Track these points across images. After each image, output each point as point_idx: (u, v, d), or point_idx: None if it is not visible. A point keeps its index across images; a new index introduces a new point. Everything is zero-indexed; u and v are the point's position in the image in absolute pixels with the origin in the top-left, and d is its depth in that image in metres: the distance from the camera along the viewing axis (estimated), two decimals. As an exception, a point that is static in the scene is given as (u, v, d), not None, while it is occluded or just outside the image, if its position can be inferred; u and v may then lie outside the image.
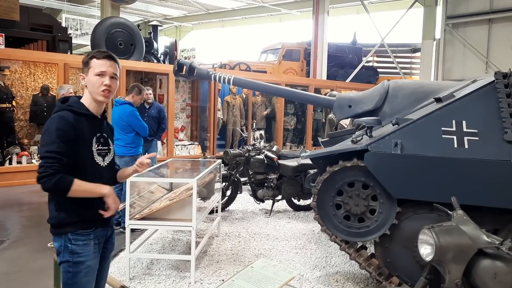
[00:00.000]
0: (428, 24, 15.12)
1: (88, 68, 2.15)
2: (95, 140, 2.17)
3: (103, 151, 2.21)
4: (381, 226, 3.50)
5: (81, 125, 2.09)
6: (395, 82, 4.55)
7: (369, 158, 3.38)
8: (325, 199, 3.59)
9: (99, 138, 2.20)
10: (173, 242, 4.85)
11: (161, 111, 6.68)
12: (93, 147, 2.15)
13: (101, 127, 2.24)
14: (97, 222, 2.16)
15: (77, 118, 2.09)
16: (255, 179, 6.19)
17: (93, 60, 2.14)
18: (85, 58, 2.18)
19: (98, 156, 2.18)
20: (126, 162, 5.21)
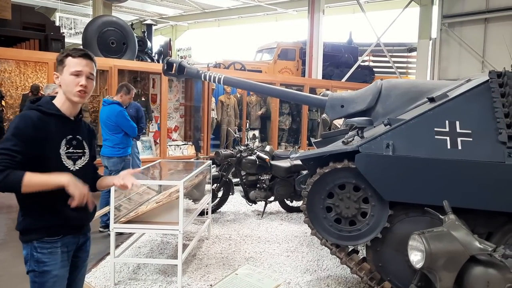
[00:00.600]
0: (424, 23, 15.07)
1: (63, 67, 2.03)
2: (65, 143, 2.04)
3: (74, 155, 2.09)
4: (373, 229, 3.41)
5: (47, 126, 1.97)
6: (388, 81, 4.46)
7: (360, 159, 3.28)
8: (315, 202, 3.49)
9: (71, 141, 2.07)
10: (162, 245, 4.75)
11: (139, 110, 6.41)
12: (61, 149, 2.02)
13: (75, 129, 2.12)
14: (65, 229, 2.03)
15: (43, 119, 1.97)
16: (247, 180, 6.09)
17: (69, 59, 2.03)
18: (59, 56, 2.07)
19: (67, 160, 2.05)
20: (115, 163, 5.11)
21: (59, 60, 2.05)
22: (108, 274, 3.88)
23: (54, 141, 2.00)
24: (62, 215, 2.01)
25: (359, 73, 16.20)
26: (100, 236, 5.04)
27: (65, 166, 2.03)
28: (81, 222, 2.15)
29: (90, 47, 9.02)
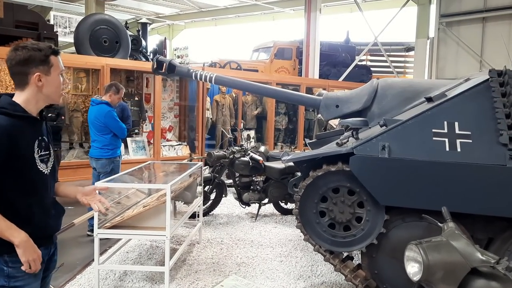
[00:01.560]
0: (421, 22, 14.98)
1: (50, 66, 1.89)
2: (37, 145, 1.89)
3: (45, 157, 1.94)
4: (368, 235, 3.27)
5: (18, 131, 1.81)
6: (385, 80, 4.32)
7: (355, 162, 3.14)
8: (308, 206, 3.35)
9: (41, 142, 1.92)
10: (151, 250, 4.59)
11: (125, 110, 6.22)
12: (35, 153, 1.87)
13: (41, 130, 1.97)
14: (38, 240, 1.86)
15: (13, 123, 1.80)
16: (241, 182, 5.94)
17: (53, 57, 1.90)
18: (38, 54, 1.86)
19: (41, 163, 1.90)
20: (103, 165, 4.95)
21: (43, 59, 1.87)
22: (93, 281, 3.73)
23: (28, 146, 1.85)
24: (36, 226, 1.87)
25: (356, 72, 16.06)
26: (87, 240, 4.88)
27: (40, 171, 1.90)
28: (54, 231, 2.02)
29: (82, 45, 8.85)
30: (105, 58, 8.59)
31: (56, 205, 2.05)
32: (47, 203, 1.94)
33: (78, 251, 4.58)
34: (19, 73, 1.87)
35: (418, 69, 15.15)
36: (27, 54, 1.84)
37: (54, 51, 1.91)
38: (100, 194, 3.65)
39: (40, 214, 1.88)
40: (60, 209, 2.08)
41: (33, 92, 1.89)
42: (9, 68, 1.87)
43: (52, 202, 2.01)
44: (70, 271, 4.05)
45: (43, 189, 1.92)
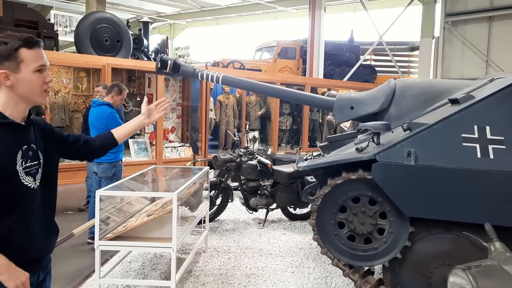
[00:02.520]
0: (426, 21, 14.79)
1: (18, 63, 1.60)
2: (21, 156, 1.63)
3: (33, 168, 1.68)
4: (391, 248, 3.02)
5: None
6: (403, 81, 4.08)
7: (378, 169, 2.90)
8: (326, 217, 3.11)
9: (26, 152, 1.66)
10: (155, 260, 4.35)
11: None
12: (18, 166, 1.61)
13: (28, 137, 1.69)
14: (21, 266, 1.61)
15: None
16: (248, 186, 5.69)
17: (24, 51, 1.60)
18: (3, 48, 1.57)
19: (26, 176, 1.65)
20: (105, 169, 4.72)
21: (7, 55, 1.58)
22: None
23: (7, 157, 1.59)
24: (18, 248, 1.62)
25: (360, 72, 15.85)
26: (87, 249, 4.64)
27: (25, 186, 1.64)
28: (42, 254, 1.77)
29: (83, 44, 8.62)
30: (106, 58, 8.36)
31: (49, 223, 1.79)
32: (34, 222, 1.68)
33: (77, 260, 4.34)
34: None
35: (423, 69, 14.96)
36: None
37: (26, 43, 1.60)
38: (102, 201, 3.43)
39: (23, 234, 1.63)
40: (53, 228, 1.82)
41: (7, 93, 1.63)
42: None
43: (42, 220, 1.73)
44: (69, 283, 3.81)
45: (29, 206, 1.66)
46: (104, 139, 2.02)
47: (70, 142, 1.90)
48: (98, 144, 1.99)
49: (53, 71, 8.51)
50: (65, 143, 1.88)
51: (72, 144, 1.90)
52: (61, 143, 1.85)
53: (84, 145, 1.94)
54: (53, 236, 1.82)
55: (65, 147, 1.87)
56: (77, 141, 1.92)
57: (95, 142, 1.99)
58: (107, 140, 2.01)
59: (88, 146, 1.95)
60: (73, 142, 1.91)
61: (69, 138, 1.90)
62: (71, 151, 1.91)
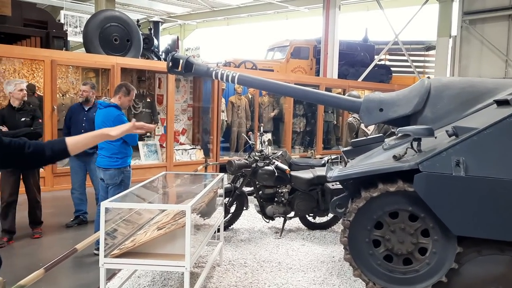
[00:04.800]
0: (443, 20, 14.42)
1: None
2: None
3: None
4: (435, 270, 2.65)
5: None
6: (438, 80, 3.71)
7: (421, 181, 2.53)
8: (359, 234, 2.75)
9: None
10: (165, 274, 4.01)
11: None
12: None
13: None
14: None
15: None
16: (264, 193, 5.33)
17: None
18: None
19: None
20: (112, 176, 4.40)
21: None
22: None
23: None
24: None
25: (375, 72, 15.42)
26: (93, 261, 4.31)
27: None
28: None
29: (92, 43, 8.35)
30: (116, 57, 8.08)
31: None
32: None
33: (82, 275, 4.02)
34: None
35: (439, 69, 14.57)
36: None
37: None
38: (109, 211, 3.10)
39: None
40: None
41: None
42: None
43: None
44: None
45: None
46: (57, 151, 1.72)
47: (12, 149, 1.62)
48: (47, 155, 1.70)
49: (61, 71, 8.26)
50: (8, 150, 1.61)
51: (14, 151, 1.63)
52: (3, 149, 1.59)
53: (31, 154, 1.66)
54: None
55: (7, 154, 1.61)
56: (21, 149, 1.64)
57: (44, 152, 1.69)
58: (59, 151, 1.72)
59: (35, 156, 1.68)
60: (16, 149, 1.63)
61: (10, 145, 1.63)
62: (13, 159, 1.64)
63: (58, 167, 7.27)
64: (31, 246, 4.80)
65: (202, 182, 4.60)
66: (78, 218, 5.52)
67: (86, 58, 8.01)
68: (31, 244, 4.84)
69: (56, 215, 5.92)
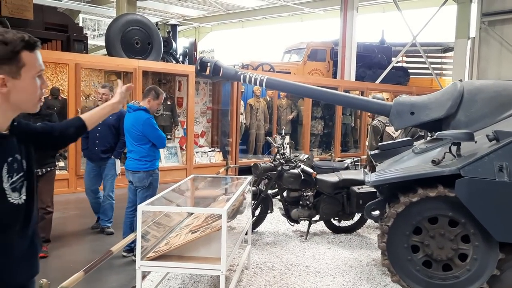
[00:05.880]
0: (461, 22, 14.26)
1: (20, 67, 1.36)
2: (7, 171, 1.39)
3: (18, 182, 1.44)
4: (476, 277, 2.62)
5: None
6: (471, 83, 3.67)
7: (463, 186, 2.51)
8: (398, 239, 2.73)
9: (11, 165, 1.42)
10: (195, 277, 4.03)
11: (122, 118, 4.99)
12: (5, 183, 1.38)
13: (11, 147, 1.44)
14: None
15: None
16: (289, 197, 5.32)
17: (26, 54, 1.37)
18: (3, 49, 1.34)
19: (13, 193, 1.41)
20: (141, 179, 4.44)
21: (8, 57, 1.35)
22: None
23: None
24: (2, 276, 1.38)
25: (393, 74, 15.31)
26: (122, 263, 4.36)
27: (10, 203, 1.40)
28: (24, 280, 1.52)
29: (114, 47, 8.46)
30: (137, 60, 8.17)
31: (32, 243, 1.53)
32: (16, 247, 1.45)
33: (113, 277, 4.06)
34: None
35: (457, 71, 14.41)
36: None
37: (28, 45, 1.38)
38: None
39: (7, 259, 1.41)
40: (35, 247, 1.56)
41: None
42: None
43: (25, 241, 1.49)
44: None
45: (12, 228, 1.43)
46: (78, 127, 1.82)
47: (45, 134, 1.70)
48: (72, 131, 1.80)
49: (84, 75, 8.38)
50: (40, 136, 1.67)
51: (47, 135, 1.72)
52: (36, 137, 1.64)
53: (60, 135, 1.77)
54: (34, 257, 1.57)
55: (39, 141, 1.66)
56: (51, 132, 1.73)
57: (68, 129, 1.80)
58: (79, 128, 1.82)
59: (63, 136, 1.79)
60: (48, 134, 1.72)
61: (44, 130, 1.72)
62: (46, 143, 1.73)
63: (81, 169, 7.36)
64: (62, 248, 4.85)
65: (228, 184, 4.62)
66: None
67: (109, 61, 8.11)
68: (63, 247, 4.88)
69: (81, 217, 6.00)
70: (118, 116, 5.13)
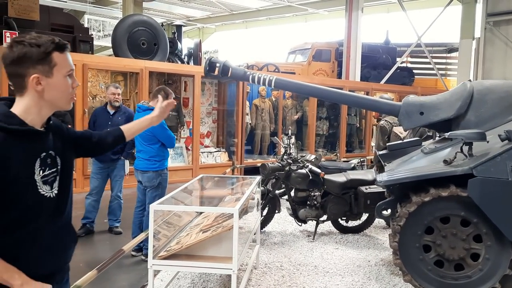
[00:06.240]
0: (466, 22, 14.22)
1: (52, 66, 1.49)
2: (39, 164, 1.50)
3: (50, 176, 1.55)
4: (488, 277, 2.62)
5: (12, 150, 1.43)
6: (481, 83, 3.67)
7: (476, 186, 2.51)
8: (410, 239, 2.74)
9: (45, 160, 1.53)
10: (204, 276, 4.05)
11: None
12: (37, 175, 1.49)
13: (46, 143, 1.57)
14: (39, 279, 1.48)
15: (6, 140, 1.42)
16: (296, 197, 5.33)
17: (57, 55, 1.50)
18: (36, 51, 1.46)
19: (44, 185, 1.52)
20: (150, 178, 4.46)
21: (41, 58, 1.47)
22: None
23: (26, 166, 1.47)
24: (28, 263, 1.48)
25: (397, 74, 15.29)
26: (131, 263, 4.38)
27: (41, 196, 1.51)
28: (55, 267, 1.62)
29: (120, 48, 8.50)
30: (144, 61, 8.20)
31: (65, 233, 1.65)
32: (48, 234, 1.57)
33: (123, 276, 4.09)
34: (15, 75, 1.50)
35: (462, 71, 14.37)
36: (22, 51, 1.46)
37: (58, 46, 1.51)
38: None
39: (37, 249, 1.52)
40: (70, 237, 1.70)
41: (33, 98, 1.52)
42: (4, 68, 1.50)
43: (57, 230, 1.61)
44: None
45: (43, 217, 1.54)
46: (117, 137, 1.95)
47: (84, 140, 1.84)
48: (110, 141, 1.92)
49: (91, 75, 8.41)
50: (79, 142, 1.81)
51: (86, 142, 1.85)
52: (75, 141, 1.79)
53: (98, 143, 1.89)
54: (70, 246, 1.70)
55: (79, 146, 1.81)
56: (90, 139, 1.87)
57: (106, 139, 1.93)
58: (118, 138, 1.95)
59: (101, 144, 1.91)
60: (87, 140, 1.86)
61: (83, 136, 1.86)
62: (85, 149, 1.87)
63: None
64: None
65: (237, 184, 4.64)
66: (85, 227, 5.18)
67: (115, 62, 8.15)
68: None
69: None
70: (127, 117, 5.19)
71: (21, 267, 1.46)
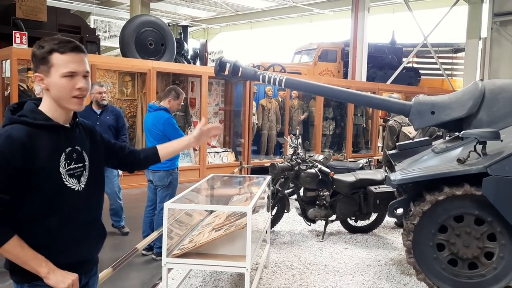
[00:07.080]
0: (473, 22, 14.20)
1: (49, 67, 1.56)
2: (64, 158, 1.60)
3: (77, 170, 1.64)
4: (502, 275, 2.63)
5: (38, 143, 1.53)
6: (492, 82, 3.67)
7: (490, 184, 2.52)
8: (423, 237, 2.74)
9: (71, 154, 1.62)
10: (215, 275, 4.06)
11: (120, 118, 4.99)
12: (61, 168, 1.58)
13: (72, 139, 1.66)
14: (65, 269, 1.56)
15: (33, 134, 1.53)
16: (305, 196, 5.34)
17: (55, 56, 1.55)
18: (38, 51, 1.56)
19: (70, 178, 1.61)
20: (161, 178, 4.49)
21: (40, 58, 1.56)
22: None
23: (51, 160, 1.56)
24: (58, 253, 1.57)
25: (404, 75, 15.26)
26: (142, 261, 4.41)
27: (68, 188, 1.60)
28: (84, 257, 1.71)
29: (128, 48, 8.54)
30: (152, 61, 8.24)
31: (94, 226, 1.74)
32: (77, 225, 1.65)
33: (135, 275, 4.11)
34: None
35: (468, 72, 14.34)
36: (32, 52, 1.59)
37: (58, 48, 1.55)
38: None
39: (63, 237, 1.60)
40: (98, 231, 1.79)
41: (48, 96, 1.63)
42: None
43: (86, 222, 1.69)
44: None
45: (71, 208, 1.62)
46: (149, 154, 2.00)
47: (116, 150, 1.91)
48: (142, 157, 1.98)
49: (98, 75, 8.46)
50: (112, 150, 1.88)
51: (118, 152, 1.91)
52: (108, 149, 1.86)
53: (129, 155, 1.94)
54: (99, 239, 1.79)
55: (110, 155, 1.88)
56: (123, 150, 1.92)
57: (139, 154, 1.98)
58: (151, 156, 2.00)
59: (132, 157, 1.95)
60: (119, 150, 1.92)
61: (115, 145, 1.92)
62: (116, 159, 1.93)
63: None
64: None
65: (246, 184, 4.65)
66: None
67: (123, 62, 8.19)
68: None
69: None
70: (116, 116, 5.04)
71: (48, 255, 1.53)
